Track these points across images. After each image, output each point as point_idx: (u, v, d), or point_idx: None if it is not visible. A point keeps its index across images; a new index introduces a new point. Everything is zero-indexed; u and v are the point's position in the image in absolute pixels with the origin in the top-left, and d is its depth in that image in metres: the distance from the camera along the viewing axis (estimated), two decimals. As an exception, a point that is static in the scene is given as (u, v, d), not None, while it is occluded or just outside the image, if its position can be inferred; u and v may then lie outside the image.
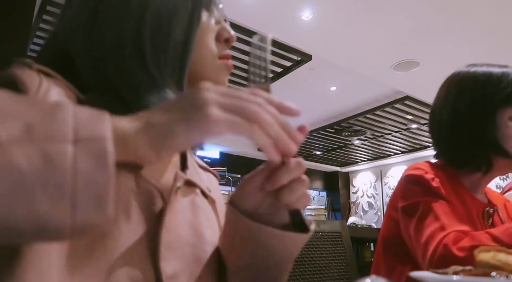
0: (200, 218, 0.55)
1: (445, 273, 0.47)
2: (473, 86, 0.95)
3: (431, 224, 0.83)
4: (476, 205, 0.94)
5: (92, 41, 0.50)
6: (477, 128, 0.93)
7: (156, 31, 0.50)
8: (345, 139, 6.80)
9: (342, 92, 5.04)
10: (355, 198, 8.57)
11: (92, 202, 0.28)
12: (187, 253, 0.50)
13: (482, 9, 3.08)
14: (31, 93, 0.42)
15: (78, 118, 0.30)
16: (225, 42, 0.59)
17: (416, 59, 3.93)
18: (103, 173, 0.29)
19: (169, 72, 0.51)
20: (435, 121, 1.02)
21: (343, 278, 1.20)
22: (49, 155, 0.28)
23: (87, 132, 0.29)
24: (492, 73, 0.94)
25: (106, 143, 0.30)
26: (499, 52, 3.58)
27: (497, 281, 0.44)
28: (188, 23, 0.53)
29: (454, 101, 0.97)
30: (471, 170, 0.96)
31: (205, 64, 0.56)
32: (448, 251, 0.75)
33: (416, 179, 0.93)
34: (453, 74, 1.02)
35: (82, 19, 0.51)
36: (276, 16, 3.25)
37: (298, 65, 4.08)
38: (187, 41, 0.52)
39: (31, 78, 0.43)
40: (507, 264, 0.49)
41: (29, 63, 0.46)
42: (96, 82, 0.49)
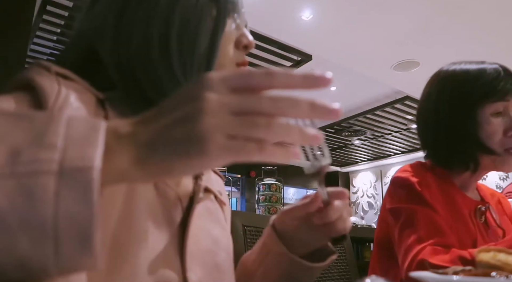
0: (215, 224, 0.56)
1: (445, 273, 0.47)
2: (452, 86, 0.95)
3: (411, 235, 0.83)
4: (468, 203, 0.93)
5: (120, 42, 0.51)
6: (460, 128, 0.92)
7: (182, 36, 0.51)
8: (345, 139, 6.80)
9: (342, 92, 5.04)
10: (355, 198, 8.57)
11: (76, 242, 0.27)
12: (207, 260, 0.51)
13: (482, 9, 3.08)
14: (51, 100, 0.41)
15: (68, 139, 0.28)
16: (244, 49, 0.58)
17: (416, 59, 3.93)
18: (87, 210, 0.27)
19: (194, 78, 0.51)
20: (420, 123, 1.03)
21: (343, 278, 1.20)
22: (31, 191, 0.26)
23: (73, 162, 0.27)
24: (469, 70, 0.94)
25: (92, 175, 0.27)
26: (499, 52, 3.58)
27: (497, 281, 0.44)
28: (213, 31, 0.53)
29: (435, 101, 0.97)
30: (460, 169, 0.96)
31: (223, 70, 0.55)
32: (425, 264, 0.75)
33: (402, 182, 0.93)
34: (434, 74, 1.03)
35: (110, 19, 0.52)
36: (276, 16, 3.25)
37: (298, 65, 4.08)
38: (212, 48, 0.52)
39: (51, 85, 0.43)
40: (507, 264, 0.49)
41: (47, 66, 0.46)
42: (122, 81, 0.50)
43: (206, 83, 0.30)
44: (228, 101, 0.30)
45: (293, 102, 0.30)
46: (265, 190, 5.02)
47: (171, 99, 0.32)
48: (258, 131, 0.29)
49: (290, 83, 0.31)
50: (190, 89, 0.31)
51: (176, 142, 0.30)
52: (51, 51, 3.74)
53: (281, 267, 0.60)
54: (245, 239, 1.02)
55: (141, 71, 0.50)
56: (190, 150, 0.29)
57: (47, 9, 3.05)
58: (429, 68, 4.15)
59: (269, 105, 0.30)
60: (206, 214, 0.54)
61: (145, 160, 0.30)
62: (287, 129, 0.30)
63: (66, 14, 3.12)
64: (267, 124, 0.30)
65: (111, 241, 0.41)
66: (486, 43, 3.49)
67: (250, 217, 1.09)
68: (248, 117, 0.30)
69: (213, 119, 0.29)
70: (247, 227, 1.05)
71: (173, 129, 0.30)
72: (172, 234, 0.47)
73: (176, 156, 0.30)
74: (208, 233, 0.53)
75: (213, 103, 0.29)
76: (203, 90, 0.30)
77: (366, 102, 5.30)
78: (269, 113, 0.30)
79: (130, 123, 0.32)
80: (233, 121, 0.29)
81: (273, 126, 0.30)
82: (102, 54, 0.51)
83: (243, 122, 0.29)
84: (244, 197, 7.66)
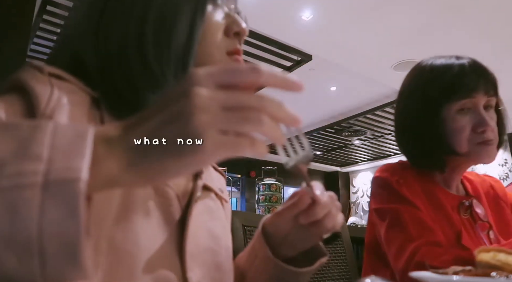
0: (215, 222, 0.55)
1: (445, 273, 0.47)
2: (418, 82, 0.93)
3: (399, 235, 0.82)
4: (450, 199, 0.91)
5: (99, 42, 0.50)
6: (426, 127, 0.89)
7: (159, 30, 0.50)
8: (345, 139, 6.80)
9: (342, 92, 5.04)
10: (355, 198, 8.56)
11: (63, 257, 0.26)
12: (207, 259, 0.51)
13: (482, 9, 3.08)
14: (43, 103, 0.41)
15: (54, 149, 0.28)
16: (236, 36, 0.56)
17: (416, 59, 3.89)
18: (73, 224, 0.26)
19: (171, 72, 0.50)
20: (395, 124, 1.00)
21: (343, 278, 1.20)
22: (15, 206, 0.26)
23: (59, 174, 0.27)
24: (435, 66, 0.91)
25: (78, 187, 0.26)
26: (499, 52, 3.58)
27: (497, 281, 0.44)
28: (191, 20, 0.51)
29: (406, 101, 0.95)
30: (430, 170, 0.94)
31: (212, 60, 0.54)
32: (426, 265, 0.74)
33: (382, 182, 0.91)
34: (408, 73, 1.00)
35: (90, 20, 0.51)
36: (276, 16, 3.25)
37: (298, 65, 4.08)
38: (189, 38, 0.51)
39: (43, 87, 0.43)
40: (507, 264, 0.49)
41: (40, 67, 0.45)
42: (102, 82, 0.50)
43: (194, 79, 0.30)
44: (218, 96, 0.29)
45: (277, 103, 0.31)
46: (265, 190, 5.02)
47: (160, 100, 0.31)
48: (250, 125, 0.30)
49: (272, 82, 0.32)
50: (178, 88, 0.31)
51: (168, 142, 0.29)
52: (51, 51, 3.74)
53: (268, 271, 0.58)
54: (245, 239, 1.02)
55: (117, 71, 0.49)
56: (184, 148, 0.28)
57: (47, 9, 3.05)
58: (429, 68, 4.00)
59: (257, 101, 0.30)
60: (206, 212, 0.54)
61: (137, 164, 0.29)
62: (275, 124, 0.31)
63: (66, 14, 3.12)
64: (258, 119, 0.30)
65: (108, 241, 0.40)
66: (486, 43, 3.49)
67: (250, 217, 1.09)
68: (238, 112, 0.30)
69: (205, 115, 0.28)
70: (247, 227, 1.04)
71: (164, 128, 0.29)
72: (171, 233, 0.47)
73: (169, 156, 0.29)
74: (208, 231, 0.53)
75: (203, 99, 0.29)
76: (192, 86, 0.29)
77: (366, 102, 5.30)
78: (257, 109, 0.30)
79: (119, 127, 0.31)
80: (225, 116, 0.29)
81: (263, 120, 0.30)
82: (83, 55, 0.51)
83: (235, 117, 0.29)
84: (244, 197, 7.66)
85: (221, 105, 0.29)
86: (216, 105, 0.29)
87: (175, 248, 0.47)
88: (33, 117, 0.41)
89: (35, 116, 0.41)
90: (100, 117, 0.47)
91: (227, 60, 0.55)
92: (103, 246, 0.40)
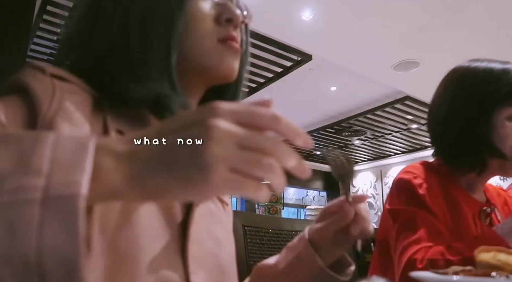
0: (217, 225, 0.55)
1: (445, 273, 0.47)
2: (471, 83, 0.92)
3: (408, 237, 0.82)
4: (472, 205, 0.92)
5: (92, 41, 0.51)
6: (473, 127, 0.90)
7: (141, 24, 0.50)
8: (345, 139, 6.80)
9: (342, 92, 5.04)
10: (355, 198, 8.56)
11: (61, 275, 0.26)
12: (210, 263, 0.50)
13: (482, 9, 3.08)
14: (44, 106, 0.41)
15: (55, 162, 0.27)
16: (228, 23, 0.55)
17: (416, 59, 3.93)
18: (72, 242, 0.26)
19: (155, 65, 0.50)
20: (433, 117, 1.00)
21: (343, 278, 1.20)
22: (13, 223, 0.25)
23: (58, 189, 0.26)
24: (493, 70, 0.91)
25: (77, 203, 0.26)
26: (499, 52, 3.58)
27: (497, 281, 0.44)
28: (170, 11, 0.51)
29: (452, 97, 0.94)
30: (465, 170, 0.94)
31: (202, 50, 0.53)
32: (416, 268, 0.75)
33: (404, 185, 0.92)
34: (454, 69, 0.99)
35: (85, 20, 0.53)
36: (276, 16, 3.25)
37: (298, 65, 4.08)
38: (168, 29, 0.50)
39: (45, 88, 0.43)
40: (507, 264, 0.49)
41: (42, 67, 0.45)
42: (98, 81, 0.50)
43: (215, 111, 0.29)
44: (236, 132, 0.29)
45: (289, 153, 0.31)
46: (265, 190, 5.01)
47: (175, 120, 0.31)
48: (261, 170, 0.29)
49: (289, 134, 0.32)
50: (197, 113, 0.30)
51: (177, 165, 0.28)
52: (51, 51, 3.74)
53: (313, 280, 0.59)
54: (245, 239, 1.02)
55: (107, 67, 0.50)
56: (191, 175, 0.28)
57: (47, 9, 3.05)
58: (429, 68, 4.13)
59: (273, 147, 0.30)
60: (208, 216, 0.54)
61: (141, 179, 0.29)
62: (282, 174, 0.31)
63: (66, 14, 3.12)
64: (270, 165, 0.30)
65: (111, 244, 0.40)
66: (486, 43, 3.49)
67: (250, 217, 1.09)
68: (253, 154, 0.29)
69: (220, 148, 0.28)
70: (247, 227, 1.05)
71: (177, 150, 0.29)
72: (172, 236, 0.47)
73: (174, 179, 0.29)
74: (210, 235, 0.53)
75: (221, 131, 0.28)
76: (212, 116, 0.29)
77: (366, 102, 5.30)
78: (271, 154, 0.30)
79: (127, 141, 0.31)
80: (239, 154, 0.29)
81: (275, 168, 0.30)
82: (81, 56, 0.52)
83: (249, 158, 0.29)
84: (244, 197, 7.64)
85: (237, 143, 0.29)
86: (232, 141, 0.29)
87: (177, 251, 0.47)
88: (35, 119, 0.41)
89: (37, 118, 0.41)
90: (103, 117, 0.47)
91: (218, 47, 0.54)
92: (104, 247, 0.40)
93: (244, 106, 0.31)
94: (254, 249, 1.02)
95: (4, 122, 0.40)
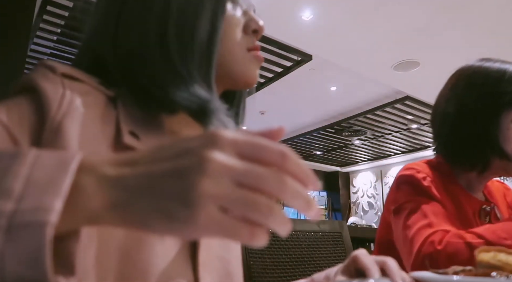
0: None
1: (445, 273, 0.47)
2: (483, 82, 0.91)
3: (419, 221, 0.82)
4: (472, 204, 0.92)
5: (118, 41, 0.50)
6: (480, 125, 0.90)
7: (181, 28, 0.50)
8: (345, 139, 6.80)
9: (342, 92, 5.04)
10: (355, 198, 8.56)
11: None
12: (219, 267, 0.50)
13: (482, 9, 3.08)
14: (54, 106, 0.40)
15: (29, 183, 0.25)
16: (253, 33, 0.57)
17: (416, 59, 3.93)
18: (36, 274, 0.24)
19: (196, 68, 0.50)
20: (439, 112, 0.99)
21: (343, 278, 1.20)
22: None
23: (25, 216, 0.24)
24: (506, 71, 0.91)
25: (44, 232, 0.24)
26: (499, 52, 3.57)
27: (497, 281, 0.44)
28: (212, 17, 0.52)
29: (462, 94, 0.93)
30: (466, 168, 0.94)
31: (234, 57, 0.55)
32: (434, 249, 0.74)
33: (407, 179, 0.92)
34: (465, 66, 0.98)
35: (108, 18, 0.52)
36: (276, 16, 3.25)
37: (298, 65, 4.08)
38: (212, 35, 0.51)
39: (55, 89, 0.42)
40: (507, 264, 0.49)
41: (52, 66, 0.44)
42: (124, 80, 0.49)
43: (215, 140, 0.26)
44: (235, 167, 0.25)
45: (297, 193, 0.27)
46: (265, 190, 5.02)
47: (169, 146, 0.28)
48: (257, 214, 0.25)
49: (296, 174, 0.27)
50: (194, 140, 0.27)
51: (162, 198, 0.25)
52: (51, 51, 3.74)
53: None
54: (245, 239, 1.02)
55: (140, 68, 0.49)
56: (175, 211, 0.25)
57: (47, 9, 3.05)
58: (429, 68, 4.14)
59: (275, 186, 0.26)
60: None
61: (121, 208, 0.26)
62: (285, 218, 0.26)
63: (66, 14, 3.12)
64: (269, 209, 0.25)
65: (121, 250, 0.40)
66: (486, 43, 3.49)
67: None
68: (250, 194, 0.25)
69: (212, 184, 0.24)
70: (247, 227, 1.05)
71: (165, 181, 0.26)
72: (184, 242, 0.46)
73: (157, 212, 0.25)
74: (219, 239, 0.52)
75: (216, 165, 0.25)
76: (209, 147, 0.26)
77: (366, 102, 5.30)
78: (273, 193, 0.26)
79: (119, 163, 0.28)
80: (233, 193, 0.25)
81: (276, 212, 0.26)
82: (104, 54, 0.51)
83: (244, 198, 0.25)
84: (244, 197, 7.65)
85: (234, 178, 0.25)
86: (229, 177, 0.25)
87: (188, 257, 0.46)
88: (44, 120, 0.40)
89: (46, 119, 0.40)
90: (116, 117, 0.46)
91: (247, 56, 0.56)
92: (113, 252, 0.39)
93: (249, 137, 0.27)
94: (254, 249, 1.02)
95: (6, 122, 0.39)
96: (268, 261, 1.01)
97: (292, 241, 1.08)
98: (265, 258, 1.01)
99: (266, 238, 0.26)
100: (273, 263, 1.01)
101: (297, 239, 1.09)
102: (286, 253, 1.05)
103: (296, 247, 1.08)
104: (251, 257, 1.01)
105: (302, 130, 6.42)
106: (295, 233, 1.10)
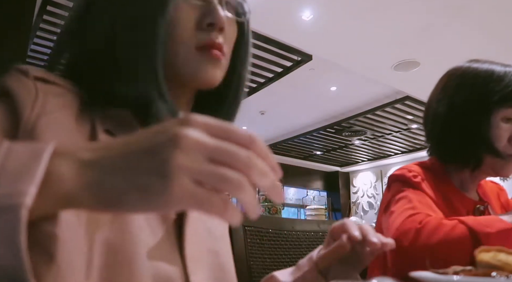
0: (214, 223, 0.55)
1: (445, 273, 0.47)
2: (473, 82, 0.94)
3: (403, 206, 0.84)
4: (466, 203, 0.94)
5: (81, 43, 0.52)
6: (471, 124, 0.92)
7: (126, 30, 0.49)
8: (345, 139, 6.79)
9: (342, 92, 5.04)
10: (356, 198, 8.56)
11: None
12: (209, 261, 0.50)
13: (482, 9, 3.08)
14: (27, 110, 0.41)
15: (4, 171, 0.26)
16: (209, 27, 0.50)
17: (416, 59, 3.93)
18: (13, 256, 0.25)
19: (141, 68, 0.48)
20: (430, 113, 1.02)
21: (343, 278, 1.20)
22: None
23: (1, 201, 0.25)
24: (494, 71, 0.93)
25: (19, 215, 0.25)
26: (499, 52, 3.58)
27: (497, 281, 0.44)
28: (153, 17, 0.48)
29: (452, 94, 0.96)
30: (459, 166, 0.96)
31: (179, 59, 0.50)
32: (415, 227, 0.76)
33: (397, 178, 0.94)
34: (455, 68, 1.01)
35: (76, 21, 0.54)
36: (276, 16, 3.25)
37: (298, 65, 4.08)
38: (151, 35, 0.48)
39: (27, 92, 0.42)
40: (508, 264, 0.49)
41: (25, 70, 0.45)
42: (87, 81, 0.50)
43: (187, 120, 0.28)
44: (206, 142, 0.27)
45: (265, 172, 0.29)
46: (265, 190, 5.01)
47: (142, 131, 0.30)
48: (228, 186, 0.27)
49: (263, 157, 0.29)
50: (167, 123, 0.29)
51: (138, 173, 0.27)
52: (51, 51, 3.74)
53: None
54: (245, 239, 1.02)
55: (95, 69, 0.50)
56: (151, 184, 0.26)
57: (47, 9, 3.05)
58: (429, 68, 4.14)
59: (245, 162, 0.28)
60: None
61: (97, 186, 0.27)
62: (254, 197, 0.28)
63: (66, 14, 3.12)
64: (239, 183, 0.27)
65: (106, 245, 0.40)
66: (486, 43, 3.49)
67: (250, 217, 1.08)
68: (221, 168, 0.27)
69: (185, 158, 0.26)
70: (247, 227, 1.04)
71: (139, 157, 0.27)
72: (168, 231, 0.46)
73: (133, 187, 0.27)
74: (209, 232, 0.52)
75: (189, 140, 0.27)
76: (182, 125, 0.28)
77: (366, 102, 5.30)
78: (242, 170, 0.27)
79: (95, 149, 0.29)
80: (206, 167, 0.27)
81: (245, 187, 0.27)
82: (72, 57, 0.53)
83: (216, 171, 0.27)
84: (244, 197, 7.64)
85: (206, 154, 0.27)
86: (200, 151, 0.27)
87: (174, 246, 0.46)
88: (17, 123, 0.41)
89: (19, 122, 0.41)
90: (90, 118, 0.47)
91: (196, 55, 0.50)
92: (98, 246, 0.39)
93: (220, 122, 0.29)
94: (254, 249, 1.02)
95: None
96: (268, 261, 1.01)
97: (292, 241, 1.08)
98: (265, 258, 1.01)
99: (239, 214, 0.28)
100: (273, 263, 1.01)
101: (297, 239, 1.09)
102: (286, 253, 1.05)
103: (296, 247, 1.08)
104: (251, 257, 1.01)
105: (302, 130, 6.42)
106: (295, 233, 1.10)
